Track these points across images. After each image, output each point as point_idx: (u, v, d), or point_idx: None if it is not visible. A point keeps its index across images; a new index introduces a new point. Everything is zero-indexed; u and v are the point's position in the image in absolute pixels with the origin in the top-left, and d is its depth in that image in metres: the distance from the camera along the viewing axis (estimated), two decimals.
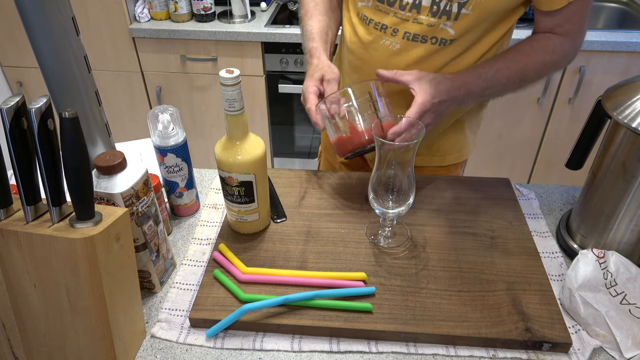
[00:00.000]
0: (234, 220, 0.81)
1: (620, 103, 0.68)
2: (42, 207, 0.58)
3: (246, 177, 0.73)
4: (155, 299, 0.73)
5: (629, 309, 0.65)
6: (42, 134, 0.52)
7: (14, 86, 2.12)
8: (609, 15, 2.08)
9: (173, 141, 0.79)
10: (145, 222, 0.68)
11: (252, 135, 0.74)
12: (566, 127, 1.94)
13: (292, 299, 0.67)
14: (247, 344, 0.66)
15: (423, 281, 0.72)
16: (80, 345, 0.60)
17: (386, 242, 0.79)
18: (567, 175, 2.05)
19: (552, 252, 0.80)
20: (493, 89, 0.83)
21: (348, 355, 0.66)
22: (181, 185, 0.84)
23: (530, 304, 0.69)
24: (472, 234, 0.81)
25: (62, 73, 0.67)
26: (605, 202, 0.73)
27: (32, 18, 0.62)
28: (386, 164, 0.72)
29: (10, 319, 0.62)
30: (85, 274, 0.56)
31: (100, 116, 0.74)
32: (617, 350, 0.65)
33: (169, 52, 1.94)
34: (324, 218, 0.84)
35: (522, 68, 0.82)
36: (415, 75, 0.79)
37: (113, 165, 0.63)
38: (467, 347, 0.66)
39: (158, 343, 0.68)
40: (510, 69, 0.82)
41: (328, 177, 0.94)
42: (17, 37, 1.96)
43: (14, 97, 0.51)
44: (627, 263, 0.69)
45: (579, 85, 1.80)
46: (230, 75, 0.66)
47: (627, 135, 0.68)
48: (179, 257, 0.80)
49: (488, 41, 0.84)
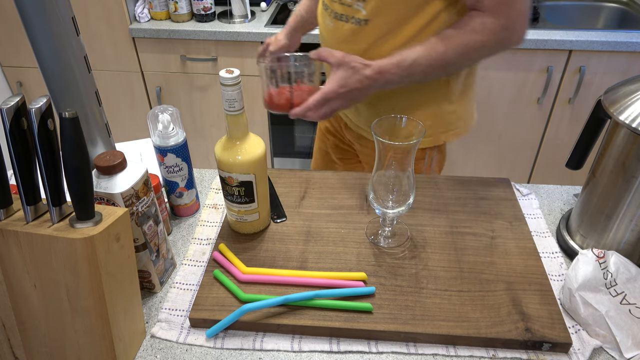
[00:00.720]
0: (234, 220, 0.81)
1: (620, 103, 0.68)
2: (42, 207, 0.58)
3: (246, 177, 0.73)
4: (155, 299, 0.73)
5: (629, 309, 0.65)
6: (42, 134, 0.52)
7: (14, 86, 2.12)
8: (609, 15, 2.08)
9: (173, 141, 0.79)
10: (145, 222, 0.68)
11: (252, 135, 0.74)
12: (566, 127, 1.94)
13: (292, 299, 0.67)
14: (247, 344, 0.66)
15: (423, 281, 0.72)
16: (80, 345, 0.60)
17: (386, 242, 0.79)
18: (567, 175, 2.05)
19: (552, 252, 0.80)
20: (413, 77, 0.84)
21: (348, 355, 0.66)
22: (181, 185, 0.84)
23: (530, 304, 0.69)
24: (472, 234, 0.81)
25: (62, 73, 0.67)
26: (605, 202, 0.73)
27: (32, 18, 0.63)
28: (386, 164, 0.72)
29: (10, 319, 0.62)
30: (85, 274, 0.56)
31: (100, 116, 0.74)
32: (617, 350, 0.65)
33: (169, 52, 1.94)
34: (324, 218, 0.84)
35: (443, 54, 0.82)
36: (337, 60, 0.82)
37: (113, 165, 0.63)
38: (467, 347, 0.66)
39: (158, 343, 0.68)
40: (429, 58, 0.82)
41: (328, 177, 0.94)
42: (17, 37, 1.96)
43: (14, 97, 0.51)
44: (627, 263, 0.69)
45: (579, 85, 1.80)
46: (230, 75, 0.66)
47: (627, 135, 0.68)
48: (179, 257, 0.80)
49: (412, 27, 0.85)
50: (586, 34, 1.72)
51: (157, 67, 1.99)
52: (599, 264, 0.68)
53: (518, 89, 1.85)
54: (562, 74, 1.80)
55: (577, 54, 1.75)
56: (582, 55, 1.75)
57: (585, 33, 1.73)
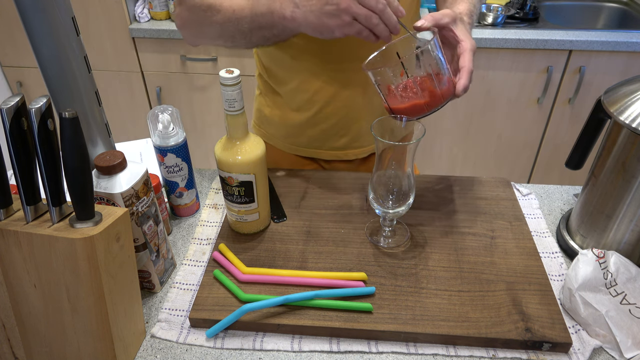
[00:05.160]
0: (234, 220, 0.81)
1: (620, 103, 0.68)
2: (42, 207, 0.58)
3: (246, 177, 0.73)
4: (155, 299, 0.73)
5: (629, 309, 0.66)
6: (42, 134, 0.52)
7: (14, 86, 2.12)
8: (609, 15, 2.08)
9: (173, 141, 0.79)
10: (145, 222, 0.68)
11: (252, 135, 0.74)
12: (566, 127, 1.94)
13: (292, 299, 0.67)
14: (247, 344, 0.66)
15: (423, 281, 0.72)
16: (80, 345, 0.60)
17: (386, 242, 0.79)
18: (567, 175, 2.05)
19: (552, 252, 0.80)
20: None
21: (348, 355, 0.66)
22: (181, 185, 0.84)
23: (530, 304, 0.69)
24: (472, 234, 0.81)
25: (62, 73, 0.67)
26: (605, 202, 0.73)
27: (32, 18, 0.63)
28: (386, 164, 0.72)
29: (10, 319, 0.62)
30: (85, 274, 0.56)
31: (100, 116, 0.74)
32: (617, 350, 0.65)
33: (169, 52, 1.94)
34: (324, 218, 0.84)
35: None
36: (452, 16, 0.71)
37: (113, 165, 0.63)
38: (467, 347, 0.66)
39: (158, 343, 0.68)
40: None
41: (328, 177, 0.94)
42: (17, 37, 1.96)
43: (14, 97, 0.51)
44: (627, 263, 0.69)
45: (579, 85, 1.80)
46: (230, 75, 0.66)
47: (627, 135, 0.68)
48: (179, 257, 0.80)
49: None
50: (586, 34, 1.72)
51: (157, 67, 1.99)
52: (599, 264, 0.68)
53: (518, 89, 1.85)
54: (562, 74, 1.80)
55: (577, 54, 1.75)
56: (582, 55, 1.75)
57: (585, 33, 1.73)
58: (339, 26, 0.68)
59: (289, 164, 1.04)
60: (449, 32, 0.72)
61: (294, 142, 1.01)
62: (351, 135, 0.97)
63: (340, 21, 0.67)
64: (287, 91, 0.94)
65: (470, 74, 0.68)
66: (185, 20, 0.84)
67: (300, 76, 0.91)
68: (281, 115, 0.99)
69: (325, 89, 0.91)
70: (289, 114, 0.97)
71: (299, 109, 0.95)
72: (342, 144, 0.99)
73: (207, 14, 0.79)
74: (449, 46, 0.74)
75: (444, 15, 0.70)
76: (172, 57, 1.95)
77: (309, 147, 1.01)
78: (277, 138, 1.03)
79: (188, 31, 0.86)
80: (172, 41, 1.90)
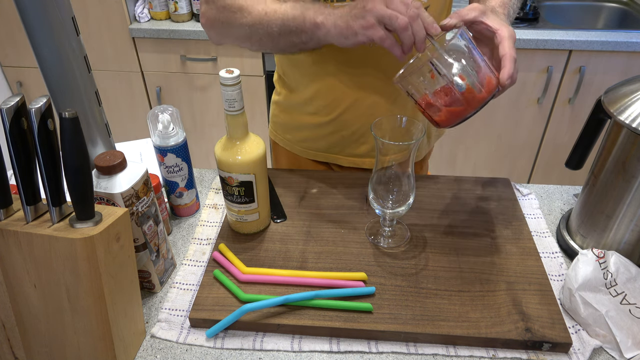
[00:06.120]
0: (234, 220, 0.81)
1: (620, 103, 0.68)
2: (42, 207, 0.58)
3: (246, 177, 0.73)
4: (155, 299, 0.73)
5: (629, 309, 0.66)
6: (42, 134, 0.52)
7: (14, 86, 2.12)
8: (609, 15, 2.08)
9: (173, 141, 0.79)
10: (145, 222, 0.68)
11: (252, 135, 0.75)
12: (566, 127, 1.94)
13: (292, 299, 0.67)
14: (247, 344, 0.66)
15: (423, 281, 0.72)
16: (80, 345, 0.60)
17: (386, 242, 0.79)
18: (567, 175, 2.05)
19: (552, 252, 0.80)
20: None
21: (348, 355, 0.66)
22: (181, 185, 0.84)
23: (530, 304, 0.69)
24: (472, 234, 0.81)
25: (62, 73, 0.67)
26: (605, 202, 0.73)
27: (32, 18, 0.63)
28: (386, 164, 0.72)
29: (10, 319, 0.62)
30: (85, 274, 0.56)
31: (100, 116, 0.74)
32: (617, 350, 0.65)
33: (169, 52, 1.94)
34: (324, 218, 0.84)
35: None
36: (481, 9, 0.68)
37: (113, 165, 0.63)
38: (467, 347, 0.66)
39: (158, 343, 0.68)
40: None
41: (328, 177, 0.94)
42: (17, 37, 1.96)
43: (14, 97, 0.51)
44: (627, 263, 0.69)
45: (579, 85, 1.80)
46: (230, 75, 0.67)
47: (627, 135, 0.68)
48: (179, 257, 0.80)
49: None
50: (586, 34, 1.72)
51: (157, 67, 1.99)
52: (599, 264, 0.68)
53: (518, 89, 1.85)
54: (562, 74, 1.80)
55: (577, 54, 1.75)
56: (582, 55, 1.75)
57: (585, 33, 1.73)
58: (363, 27, 0.67)
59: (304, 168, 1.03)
60: (480, 24, 0.68)
61: (311, 147, 1.01)
62: (372, 143, 0.96)
63: (365, 22, 0.66)
64: (307, 96, 0.94)
65: (514, 62, 0.64)
66: (212, 19, 0.83)
67: (321, 81, 0.90)
68: (299, 119, 0.98)
69: (347, 94, 0.89)
70: (307, 117, 0.96)
71: (317, 113, 0.94)
72: (362, 152, 0.98)
73: (237, 15, 0.78)
74: (485, 41, 0.70)
75: (470, 9, 0.68)
76: (172, 57, 1.95)
77: (327, 152, 1.00)
78: (293, 142, 1.03)
79: (214, 31, 0.86)
80: (172, 41, 1.90)
